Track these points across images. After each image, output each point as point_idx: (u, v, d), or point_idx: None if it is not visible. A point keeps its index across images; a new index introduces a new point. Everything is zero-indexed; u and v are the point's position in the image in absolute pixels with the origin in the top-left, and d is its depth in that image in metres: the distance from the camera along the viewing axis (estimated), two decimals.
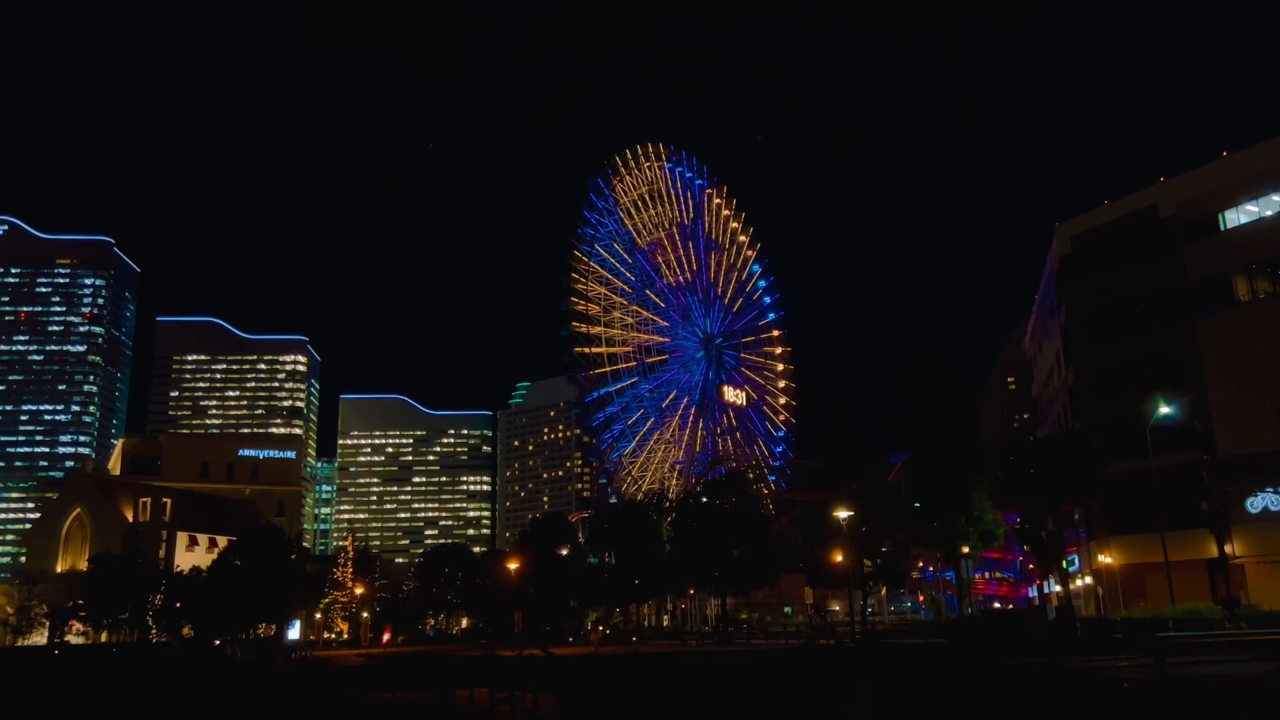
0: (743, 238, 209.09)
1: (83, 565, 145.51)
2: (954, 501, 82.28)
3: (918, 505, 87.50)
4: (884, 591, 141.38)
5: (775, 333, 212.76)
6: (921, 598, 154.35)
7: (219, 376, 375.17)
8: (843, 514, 76.78)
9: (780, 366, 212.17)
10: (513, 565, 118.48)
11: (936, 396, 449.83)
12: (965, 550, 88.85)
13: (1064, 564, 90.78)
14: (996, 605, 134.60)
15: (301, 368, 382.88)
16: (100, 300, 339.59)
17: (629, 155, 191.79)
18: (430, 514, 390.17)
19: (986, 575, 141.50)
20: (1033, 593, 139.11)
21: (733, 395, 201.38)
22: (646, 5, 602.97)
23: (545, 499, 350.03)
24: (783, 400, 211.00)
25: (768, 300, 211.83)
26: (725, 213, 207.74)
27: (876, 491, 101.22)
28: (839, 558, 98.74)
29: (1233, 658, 30.27)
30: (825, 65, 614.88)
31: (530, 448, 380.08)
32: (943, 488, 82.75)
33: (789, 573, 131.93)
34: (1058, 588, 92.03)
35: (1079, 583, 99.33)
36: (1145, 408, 66.44)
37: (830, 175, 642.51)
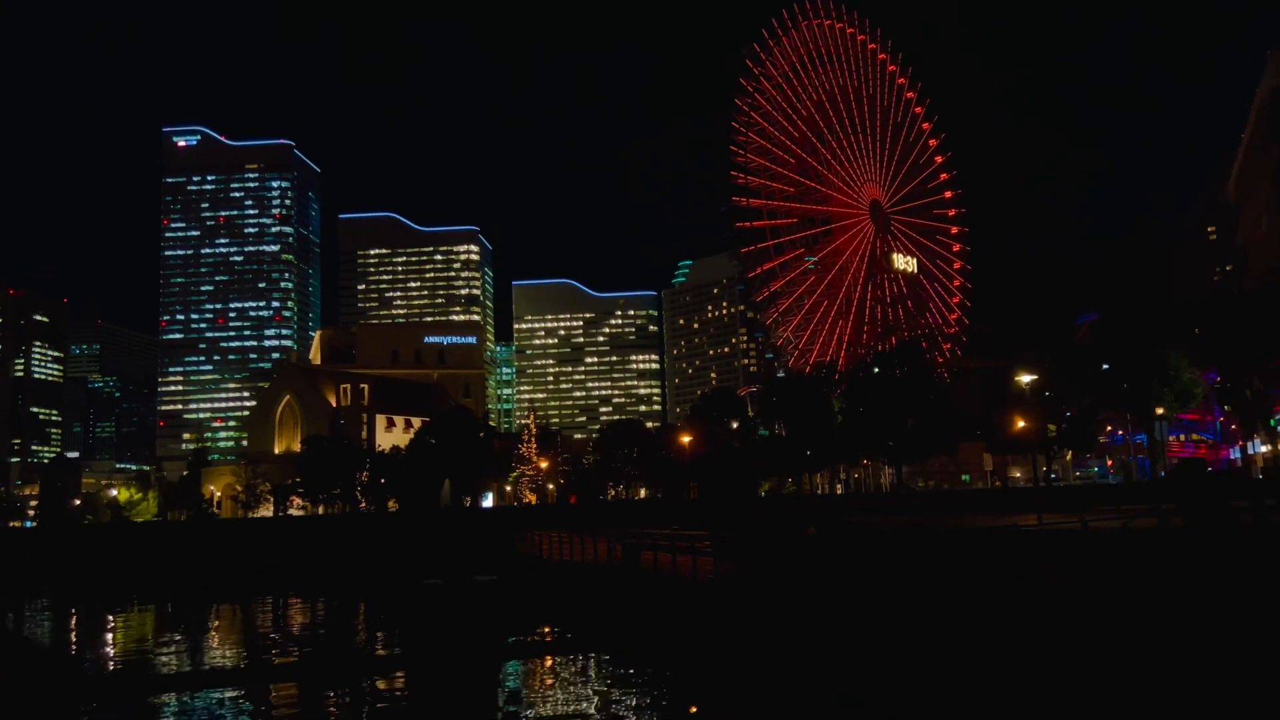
0: (910, 94, 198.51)
1: (296, 446, 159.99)
2: (1147, 361, 78.16)
3: (1106, 366, 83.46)
4: (1069, 456, 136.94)
5: (948, 194, 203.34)
6: (1110, 462, 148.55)
7: (400, 269, 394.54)
8: (1025, 378, 74.26)
9: (954, 229, 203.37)
10: (685, 439, 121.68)
11: (1125, 252, 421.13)
12: (1160, 411, 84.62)
13: (1271, 423, 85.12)
14: None
15: (474, 256, 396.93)
16: (287, 201, 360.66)
17: (785, 15, 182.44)
18: (604, 392, 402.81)
19: (1182, 437, 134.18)
20: (1234, 454, 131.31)
21: (902, 263, 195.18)
22: None
23: (712, 375, 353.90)
24: (956, 264, 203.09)
25: (939, 159, 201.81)
26: (891, 68, 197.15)
27: (1060, 354, 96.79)
28: (1021, 423, 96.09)
29: None
30: None
31: (695, 325, 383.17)
32: (1134, 347, 78.58)
33: (966, 440, 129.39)
34: (1264, 448, 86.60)
35: None
36: None
37: (1001, 14, 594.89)
